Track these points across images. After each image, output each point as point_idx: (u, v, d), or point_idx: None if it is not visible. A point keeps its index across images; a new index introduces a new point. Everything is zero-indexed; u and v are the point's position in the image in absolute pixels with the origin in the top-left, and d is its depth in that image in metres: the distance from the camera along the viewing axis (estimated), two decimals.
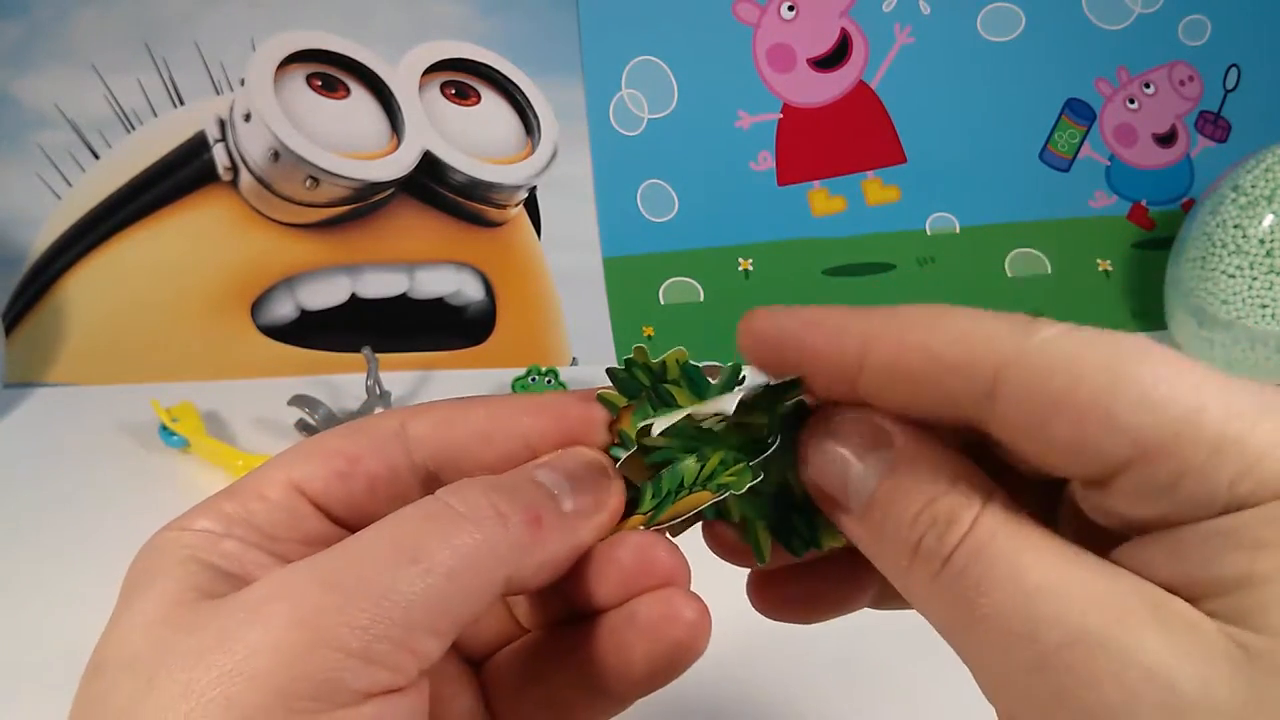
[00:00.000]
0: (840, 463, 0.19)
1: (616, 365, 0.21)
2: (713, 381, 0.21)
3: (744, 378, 0.21)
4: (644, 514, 0.21)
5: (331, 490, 0.20)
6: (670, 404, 0.21)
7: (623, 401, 0.22)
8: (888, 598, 0.22)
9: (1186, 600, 0.15)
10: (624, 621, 0.20)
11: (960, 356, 0.17)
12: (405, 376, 0.63)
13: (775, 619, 0.22)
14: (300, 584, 0.17)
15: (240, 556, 0.19)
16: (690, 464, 0.21)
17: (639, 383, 0.21)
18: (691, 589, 0.20)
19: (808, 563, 0.22)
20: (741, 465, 0.20)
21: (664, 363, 0.21)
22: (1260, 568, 0.14)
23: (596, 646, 0.20)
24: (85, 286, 0.63)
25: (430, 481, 0.21)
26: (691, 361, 0.21)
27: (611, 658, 0.20)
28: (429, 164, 0.62)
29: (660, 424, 0.20)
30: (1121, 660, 0.14)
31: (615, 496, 0.21)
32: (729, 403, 0.20)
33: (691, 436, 0.21)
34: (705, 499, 0.21)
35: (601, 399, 0.22)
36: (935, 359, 0.17)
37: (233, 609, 0.17)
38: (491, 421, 0.21)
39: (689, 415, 0.20)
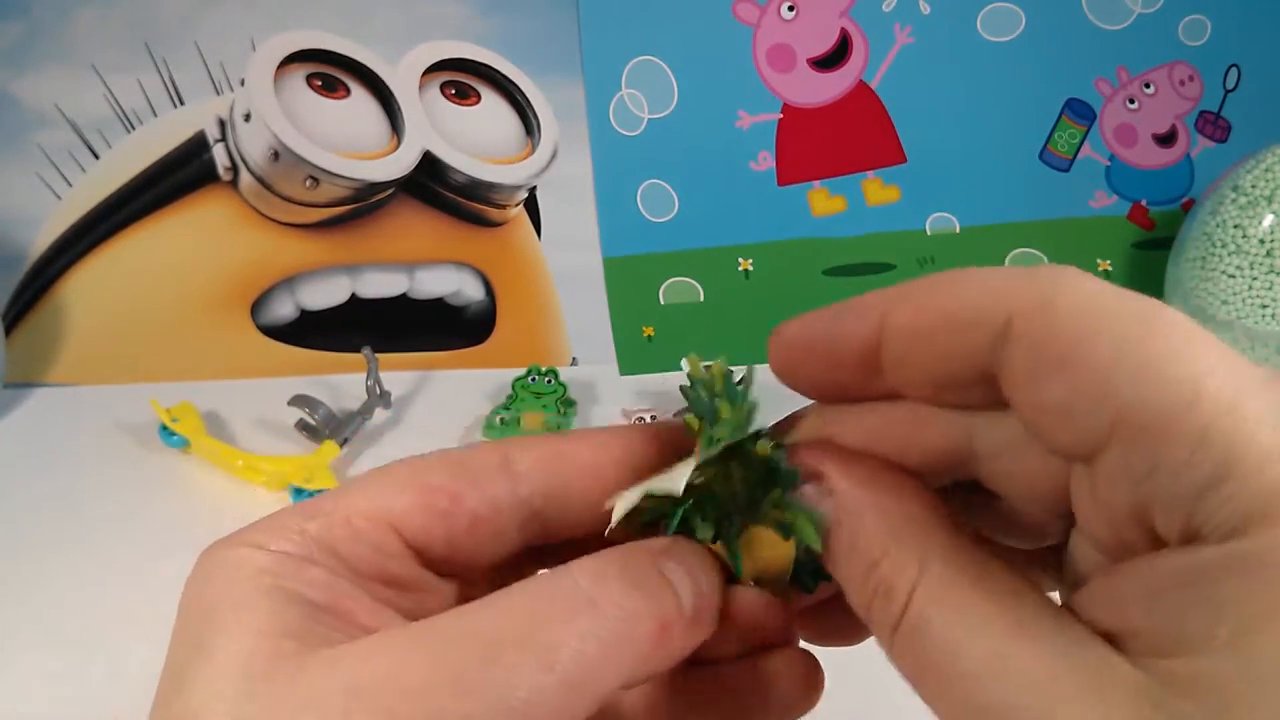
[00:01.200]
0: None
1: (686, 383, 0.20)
2: (741, 389, 0.20)
3: (742, 381, 0.21)
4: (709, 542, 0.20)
5: (431, 530, 0.19)
6: (715, 420, 0.20)
7: (697, 423, 0.20)
8: None
9: (1140, 655, 0.15)
10: (745, 679, 0.20)
11: (975, 310, 0.16)
12: (405, 376, 0.63)
13: (820, 645, 0.22)
14: (424, 676, 0.15)
15: (330, 586, 0.17)
16: (720, 484, 0.20)
17: (703, 399, 0.20)
18: (806, 648, 0.21)
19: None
20: (804, 516, 0.19)
21: (713, 375, 0.20)
22: (1210, 631, 0.14)
23: (706, 699, 0.21)
24: (85, 286, 0.63)
25: (532, 519, 0.20)
26: (729, 369, 0.20)
27: (719, 712, 0.20)
28: (429, 164, 0.62)
29: (621, 505, 0.18)
30: None
31: (725, 605, 0.19)
32: (678, 482, 0.18)
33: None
34: (786, 554, 0.20)
35: (686, 421, 0.21)
36: (950, 315, 0.17)
37: (346, 689, 0.15)
38: (602, 451, 0.20)
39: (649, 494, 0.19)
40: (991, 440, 0.18)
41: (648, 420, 0.20)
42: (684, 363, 0.21)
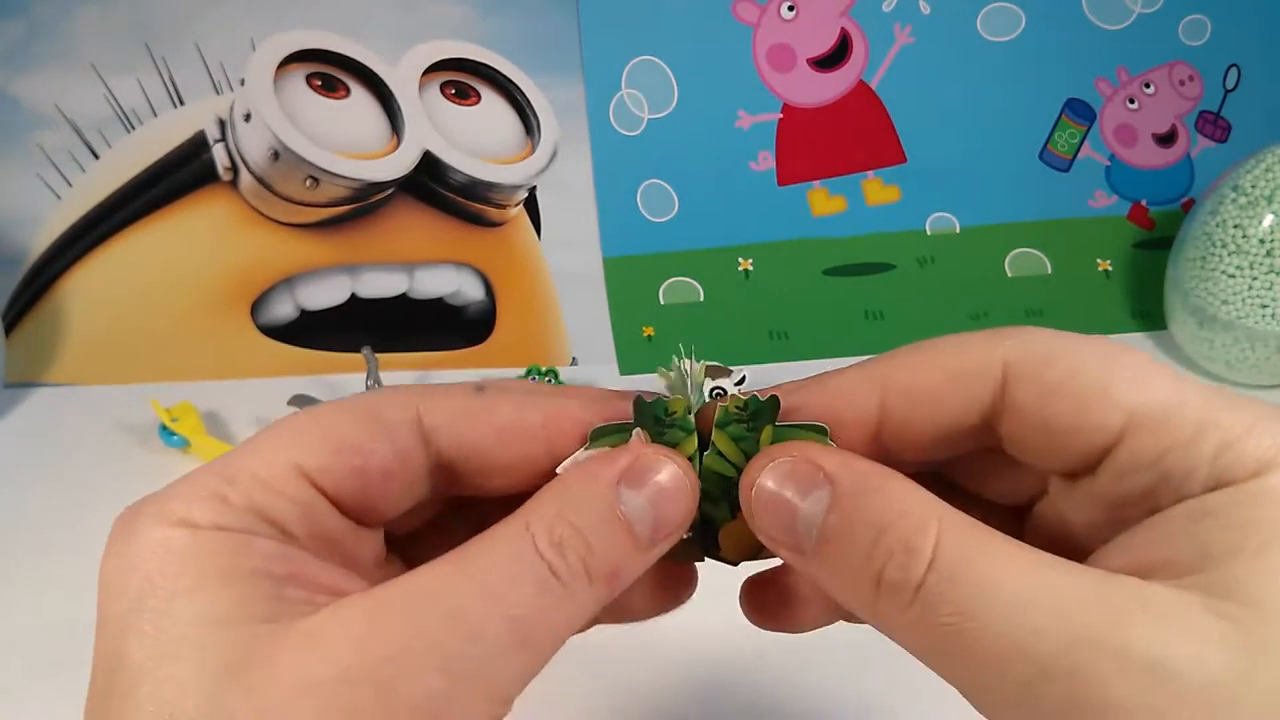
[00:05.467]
0: (784, 506, 0.18)
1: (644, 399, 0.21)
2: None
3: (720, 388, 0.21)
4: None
5: (345, 484, 0.19)
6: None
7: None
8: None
9: (1171, 579, 0.16)
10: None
11: (971, 362, 0.19)
12: (405, 376, 0.63)
13: (767, 629, 0.23)
14: (401, 643, 0.16)
15: (283, 555, 0.17)
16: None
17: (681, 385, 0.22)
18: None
19: (788, 572, 0.22)
20: None
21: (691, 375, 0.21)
22: (1249, 544, 0.16)
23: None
24: (85, 286, 0.63)
25: (443, 471, 0.20)
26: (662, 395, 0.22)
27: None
28: (429, 164, 0.62)
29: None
30: (1123, 656, 0.15)
31: (692, 512, 0.20)
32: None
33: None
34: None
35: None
36: (949, 371, 0.19)
37: (329, 675, 0.16)
38: (524, 414, 0.20)
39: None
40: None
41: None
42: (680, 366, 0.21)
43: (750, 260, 0.64)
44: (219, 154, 0.62)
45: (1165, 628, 0.15)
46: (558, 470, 0.20)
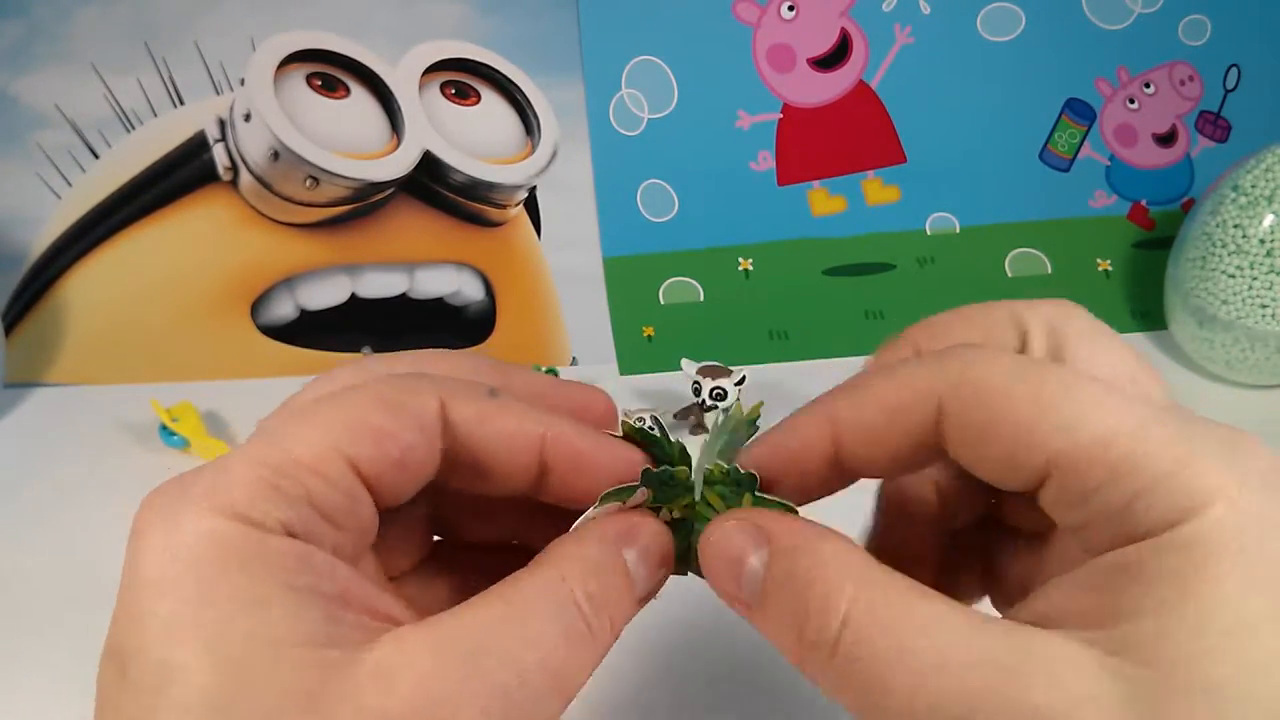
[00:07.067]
0: (732, 563, 0.20)
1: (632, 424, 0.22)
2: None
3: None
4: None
5: (384, 475, 0.19)
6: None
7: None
8: None
9: (1079, 630, 0.16)
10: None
11: (906, 398, 0.19)
12: None
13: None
14: (457, 689, 0.17)
15: (333, 571, 0.18)
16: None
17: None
18: None
19: None
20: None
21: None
22: (1150, 600, 0.16)
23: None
24: (85, 286, 0.63)
25: (444, 464, 0.20)
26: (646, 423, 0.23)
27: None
28: (429, 164, 0.62)
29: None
30: (1018, 715, 0.16)
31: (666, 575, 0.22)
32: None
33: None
34: None
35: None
36: (887, 407, 0.20)
37: (396, 712, 0.16)
38: (519, 430, 0.21)
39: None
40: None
41: (647, 420, 0.21)
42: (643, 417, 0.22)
43: (750, 260, 0.64)
44: (219, 154, 0.62)
45: (1060, 686, 0.16)
46: (574, 526, 0.21)
